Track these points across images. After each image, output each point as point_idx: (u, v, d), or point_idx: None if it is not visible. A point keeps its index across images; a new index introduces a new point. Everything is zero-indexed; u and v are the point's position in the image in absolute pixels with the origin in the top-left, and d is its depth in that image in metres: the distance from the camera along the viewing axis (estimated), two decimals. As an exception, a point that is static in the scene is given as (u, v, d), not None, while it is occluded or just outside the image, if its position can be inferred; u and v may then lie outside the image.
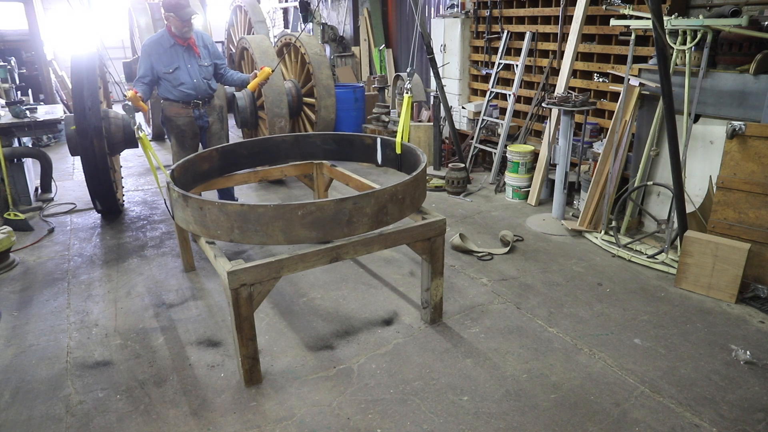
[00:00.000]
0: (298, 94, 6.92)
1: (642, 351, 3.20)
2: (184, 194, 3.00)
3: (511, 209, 5.65)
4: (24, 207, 5.77)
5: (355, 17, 10.58)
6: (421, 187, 3.36)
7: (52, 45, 11.57)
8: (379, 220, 3.03)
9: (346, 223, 2.90)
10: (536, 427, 2.64)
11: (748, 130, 3.61)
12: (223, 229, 2.88)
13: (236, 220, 2.83)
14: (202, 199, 2.91)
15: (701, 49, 3.96)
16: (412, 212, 3.29)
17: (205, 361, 3.23)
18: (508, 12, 6.54)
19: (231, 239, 2.90)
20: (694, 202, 4.24)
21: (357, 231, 2.97)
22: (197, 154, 4.04)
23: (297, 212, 2.79)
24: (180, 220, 3.20)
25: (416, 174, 3.24)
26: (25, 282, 4.28)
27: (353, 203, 2.88)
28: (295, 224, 2.81)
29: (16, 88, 7.98)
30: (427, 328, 3.51)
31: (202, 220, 2.94)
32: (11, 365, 3.22)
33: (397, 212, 3.12)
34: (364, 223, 2.96)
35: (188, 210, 3.01)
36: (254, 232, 2.83)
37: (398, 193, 3.08)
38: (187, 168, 3.83)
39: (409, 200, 3.19)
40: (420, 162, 3.48)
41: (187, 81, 4.73)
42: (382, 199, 3.00)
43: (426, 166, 3.41)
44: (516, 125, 6.61)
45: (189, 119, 4.88)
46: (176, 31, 4.61)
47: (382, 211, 3.01)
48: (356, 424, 2.69)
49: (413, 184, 3.20)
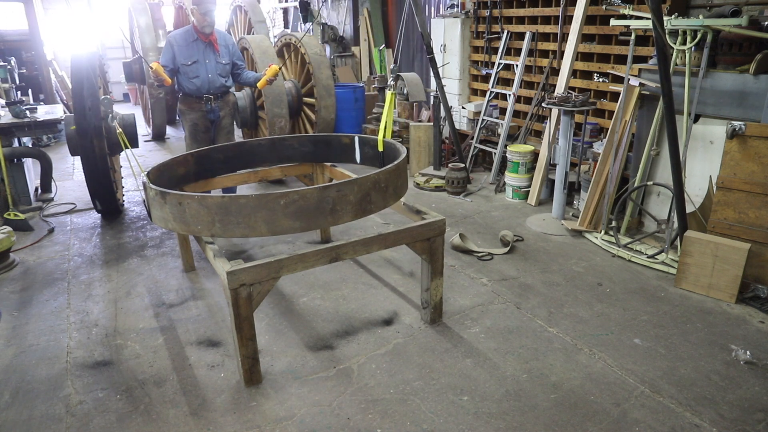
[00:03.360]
0: (298, 94, 6.92)
1: (642, 351, 3.20)
2: (162, 191, 2.95)
3: (511, 209, 5.65)
4: (24, 207, 5.77)
5: (355, 17, 10.59)
6: (403, 177, 3.36)
7: (52, 45, 11.58)
8: (363, 209, 3.01)
9: (329, 212, 2.88)
10: (536, 427, 2.64)
11: (748, 130, 3.61)
12: (203, 223, 2.84)
13: (217, 213, 2.79)
14: (181, 193, 2.87)
15: (701, 49, 3.96)
16: (395, 200, 3.28)
17: (205, 361, 3.23)
18: (508, 12, 6.54)
19: (212, 233, 2.86)
20: (694, 202, 4.24)
21: (341, 219, 2.95)
22: (173, 159, 3.99)
23: (279, 201, 2.76)
24: (158, 219, 3.13)
25: (398, 162, 3.26)
26: (25, 282, 4.28)
27: (336, 190, 2.87)
28: (278, 214, 2.79)
29: (16, 88, 7.99)
30: (427, 328, 3.51)
31: (182, 216, 2.89)
32: (11, 365, 3.22)
33: (381, 200, 3.12)
34: (348, 211, 2.95)
35: (166, 207, 2.96)
36: (236, 224, 2.80)
37: (381, 181, 3.07)
38: (162, 171, 3.79)
39: (392, 189, 3.19)
40: (400, 154, 3.51)
41: (202, 75, 4.96)
42: (366, 187, 2.99)
43: (406, 156, 3.43)
44: (516, 125, 6.61)
45: (201, 113, 5.09)
46: (198, 25, 4.85)
47: (365, 198, 3.00)
48: (356, 424, 2.69)
49: (395, 173, 3.21)
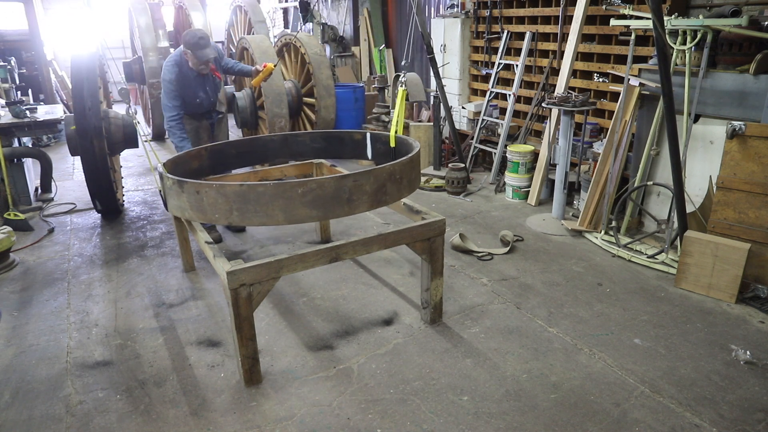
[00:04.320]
0: (298, 94, 6.92)
1: (642, 351, 3.20)
2: (179, 180, 2.97)
3: (511, 209, 5.65)
4: (24, 207, 5.77)
5: (355, 17, 10.58)
6: (416, 170, 3.38)
7: (52, 45, 11.58)
8: (378, 199, 3.03)
9: (346, 201, 2.90)
10: (536, 427, 2.64)
11: (748, 130, 3.61)
12: (221, 212, 2.85)
13: (235, 201, 2.80)
14: (199, 182, 2.90)
15: (701, 49, 3.96)
16: (409, 193, 3.30)
17: (205, 361, 3.23)
18: (508, 12, 6.54)
19: (230, 222, 2.87)
20: (694, 202, 4.24)
21: (357, 209, 2.96)
22: (186, 153, 4.03)
23: (297, 190, 2.78)
24: (174, 209, 3.16)
25: (412, 155, 3.28)
26: (25, 282, 4.28)
27: (353, 180, 2.89)
28: (296, 203, 2.80)
29: (16, 88, 7.99)
30: (427, 328, 3.51)
31: (199, 204, 2.91)
32: (11, 365, 3.22)
33: (396, 192, 3.13)
34: (363, 201, 2.96)
35: (183, 196, 2.98)
36: (254, 213, 2.81)
37: (396, 173, 3.09)
38: (177, 164, 3.82)
39: (406, 181, 3.21)
40: (413, 148, 3.52)
41: (202, 97, 4.84)
42: (381, 178, 3.01)
43: (420, 150, 3.44)
44: (516, 125, 6.61)
45: (203, 122, 5.03)
46: (194, 66, 4.61)
47: (381, 189, 3.02)
48: (356, 424, 2.69)
49: (410, 165, 3.23)
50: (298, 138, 4.59)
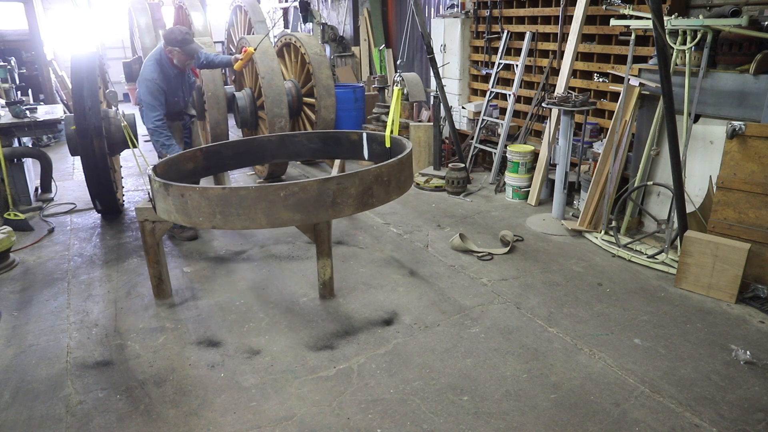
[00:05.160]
0: (298, 94, 6.92)
1: (642, 351, 3.20)
2: (165, 183, 2.98)
3: (511, 209, 5.64)
4: (24, 207, 5.77)
5: (355, 17, 10.58)
6: (407, 172, 3.37)
7: (52, 45, 11.57)
8: (364, 202, 3.02)
9: (330, 204, 2.89)
10: (536, 427, 2.64)
11: (748, 130, 3.61)
12: (204, 215, 2.85)
13: (218, 204, 2.80)
14: (183, 185, 2.89)
15: (701, 49, 3.96)
16: (398, 195, 3.30)
17: (205, 361, 3.23)
18: (508, 12, 6.53)
19: (213, 225, 2.87)
20: (694, 202, 4.24)
21: (342, 212, 2.96)
22: (181, 154, 4.02)
23: (279, 193, 2.77)
24: (162, 212, 3.17)
25: (402, 157, 3.26)
26: (25, 282, 4.28)
27: (337, 183, 2.87)
28: (278, 206, 2.80)
29: (16, 88, 7.98)
30: (428, 328, 3.51)
31: (183, 207, 2.91)
32: (11, 365, 3.22)
33: (384, 194, 3.12)
34: (348, 204, 2.95)
35: (169, 199, 2.98)
36: (236, 216, 2.81)
37: (383, 175, 3.08)
38: (170, 166, 3.80)
39: (395, 183, 3.20)
40: (406, 148, 3.50)
41: (179, 97, 4.90)
42: (367, 180, 2.99)
43: (411, 151, 3.44)
44: (516, 125, 6.61)
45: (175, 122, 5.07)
46: (179, 63, 4.61)
47: (367, 192, 3.00)
48: (356, 424, 2.69)
49: (398, 167, 3.21)
50: (295, 138, 4.58)
